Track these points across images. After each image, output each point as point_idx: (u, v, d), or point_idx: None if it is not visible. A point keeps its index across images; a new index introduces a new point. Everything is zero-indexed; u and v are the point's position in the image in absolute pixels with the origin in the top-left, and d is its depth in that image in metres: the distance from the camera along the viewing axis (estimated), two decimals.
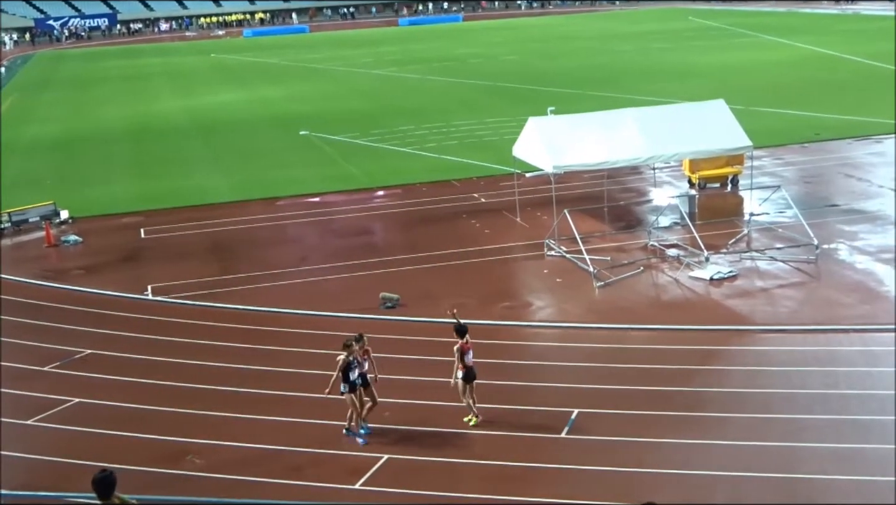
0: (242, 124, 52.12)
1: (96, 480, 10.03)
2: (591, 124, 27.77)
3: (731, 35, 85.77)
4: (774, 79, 56.82)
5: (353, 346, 16.43)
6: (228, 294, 24.68)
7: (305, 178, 37.67)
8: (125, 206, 34.75)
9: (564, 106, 38.80)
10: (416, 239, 28.93)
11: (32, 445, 16.91)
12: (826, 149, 37.58)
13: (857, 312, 21.04)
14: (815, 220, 26.80)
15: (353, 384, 16.35)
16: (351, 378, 16.31)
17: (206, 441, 16.73)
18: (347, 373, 16.25)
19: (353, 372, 16.35)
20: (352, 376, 16.31)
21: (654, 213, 29.24)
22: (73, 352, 21.19)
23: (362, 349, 16.77)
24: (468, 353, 16.58)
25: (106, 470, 10.16)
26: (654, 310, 22.03)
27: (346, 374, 16.26)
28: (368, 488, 14.88)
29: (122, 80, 78.72)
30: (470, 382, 16.64)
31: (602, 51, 79.34)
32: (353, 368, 16.33)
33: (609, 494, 14.24)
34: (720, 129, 27.38)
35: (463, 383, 16.63)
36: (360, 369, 16.55)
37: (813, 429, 16.03)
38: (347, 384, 16.32)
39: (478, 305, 22.87)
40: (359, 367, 16.51)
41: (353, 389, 16.39)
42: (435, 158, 39.74)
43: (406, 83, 65.78)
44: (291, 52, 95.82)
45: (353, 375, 16.32)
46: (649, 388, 17.81)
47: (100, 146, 47.98)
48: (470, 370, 16.59)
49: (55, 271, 27.72)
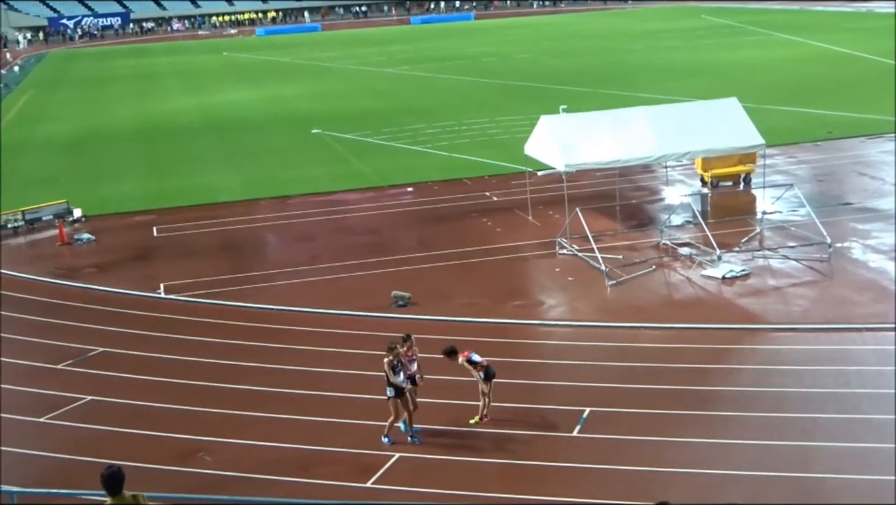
0: (254, 123, 52.19)
1: (105, 477, 10.01)
2: (603, 123, 27.71)
3: (744, 33, 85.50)
4: (787, 77, 56.63)
5: (396, 348, 15.96)
6: (240, 292, 24.72)
7: (317, 177, 37.71)
8: (138, 205, 34.85)
9: (576, 104, 38.73)
10: (428, 237, 28.93)
11: (45, 443, 16.97)
12: (839, 147, 37.44)
13: (869, 311, 20.95)
14: (827, 218, 26.70)
15: (398, 389, 15.85)
16: (396, 382, 15.81)
17: (218, 439, 16.76)
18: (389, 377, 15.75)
19: (399, 375, 15.83)
20: (396, 380, 15.79)
21: (666, 212, 29.17)
22: (85, 350, 21.27)
23: (410, 350, 16.31)
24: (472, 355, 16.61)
25: (113, 466, 10.14)
26: (667, 308, 21.98)
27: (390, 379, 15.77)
28: (380, 487, 14.89)
29: (134, 78, 78.91)
30: (488, 381, 16.58)
31: (614, 49, 79.17)
32: (397, 372, 15.83)
33: (621, 493, 14.22)
34: (733, 128, 27.30)
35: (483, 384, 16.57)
36: (406, 372, 16.04)
37: (825, 428, 15.98)
38: (393, 388, 15.83)
39: (490, 303, 22.86)
40: (404, 369, 16.00)
41: (398, 394, 15.87)
42: (447, 157, 39.73)
43: (418, 82, 65.77)
44: (303, 50, 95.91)
45: (398, 379, 15.80)
46: (661, 386, 17.77)
47: (112, 144, 48.13)
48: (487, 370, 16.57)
49: (68, 269, 27.82)
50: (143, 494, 10.21)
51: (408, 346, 16.29)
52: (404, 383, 15.93)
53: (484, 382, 16.54)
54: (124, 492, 10.04)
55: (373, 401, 17.75)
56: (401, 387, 15.86)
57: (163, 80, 76.35)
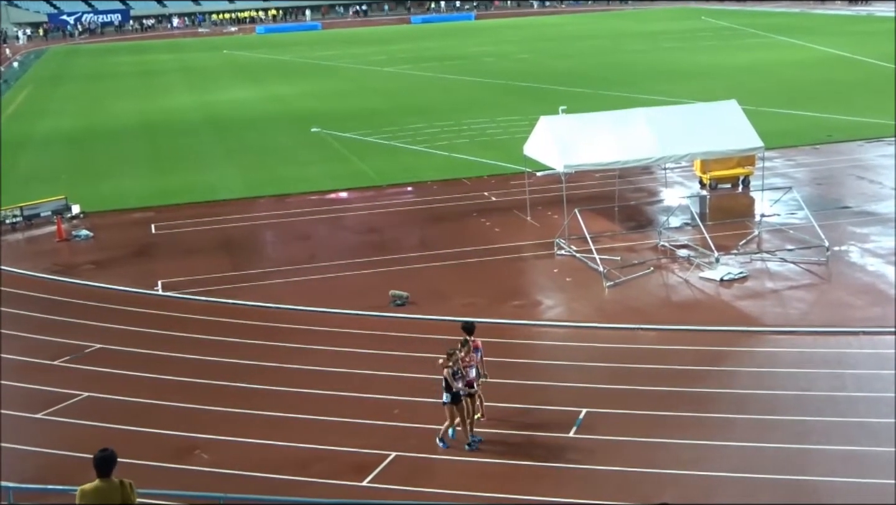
0: (254, 121, 52.18)
1: (97, 459, 10.07)
2: (603, 124, 27.75)
3: (744, 35, 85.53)
4: (786, 80, 56.66)
5: (456, 354, 15.61)
6: (238, 290, 24.72)
7: (316, 176, 37.71)
8: (136, 202, 34.84)
9: (576, 105, 38.75)
10: (426, 237, 28.94)
11: (42, 439, 16.99)
12: (838, 150, 37.47)
13: (867, 315, 20.98)
14: (826, 221, 26.72)
15: (455, 395, 15.50)
16: (454, 389, 15.47)
17: (214, 436, 16.77)
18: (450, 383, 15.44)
19: (458, 382, 15.50)
20: (455, 387, 15.45)
21: (664, 214, 29.19)
22: (82, 346, 21.27)
23: (467, 355, 15.90)
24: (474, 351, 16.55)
25: (107, 449, 10.20)
26: (664, 310, 22.00)
27: (449, 384, 15.46)
28: (375, 486, 14.90)
29: (134, 75, 78.88)
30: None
31: (614, 50, 79.19)
32: (457, 378, 15.49)
33: (617, 494, 14.23)
34: (732, 130, 27.34)
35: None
36: (465, 378, 15.68)
37: (821, 431, 15.99)
38: (450, 394, 15.49)
39: (487, 303, 22.87)
40: (463, 377, 15.64)
41: (455, 401, 15.51)
42: (446, 157, 39.74)
43: (418, 81, 65.77)
44: (304, 49, 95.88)
45: (457, 385, 15.47)
46: (658, 388, 17.79)
47: (112, 141, 48.10)
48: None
49: (66, 266, 27.81)
50: (131, 483, 10.24)
51: (465, 350, 15.91)
52: (462, 389, 15.61)
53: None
54: (112, 477, 10.09)
55: (370, 400, 17.82)
56: (456, 394, 15.50)
57: (163, 78, 76.32)
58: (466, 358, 15.85)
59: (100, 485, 10.06)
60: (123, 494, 10.08)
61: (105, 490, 10.03)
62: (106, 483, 10.06)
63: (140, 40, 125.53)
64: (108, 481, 10.07)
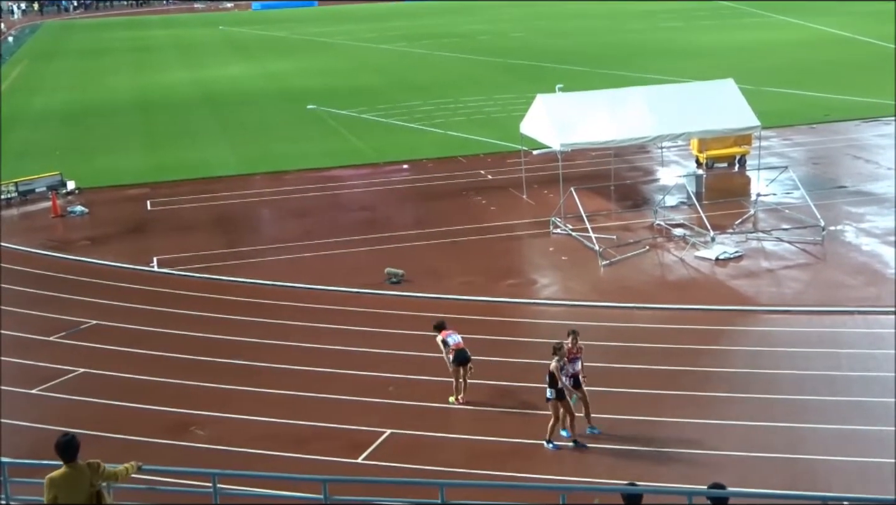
0: (250, 97, 51.96)
1: (60, 444, 10.03)
2: (600, 102, 27.68)
3: (742, 14, 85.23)
4: (784, 59, 56.46)
5: (563, 347, 15.11)
6: (234, 267, 24.69)
7: (312, 153, 37.59)
8: (132, 178, 34.73)
9: (573, 84, 38.62)
10: (422, 215, 28.89)
11: (37, 415, 16.99)
12: (834, 130, 37.42)
13: (862, 294, 21.02)
14: (822, 201, 26.71)
15: (560, 391, 14.95)
16: (564, 385, 14.96)
17: (210, 413, 16.80)
18: (555, 378, 14.86)
19: (563, 377, 14.99)
20: (561, 382, 14.89)
21: (660, 193, 29.14)
22: (78, 322, 21.26)
23: (574, 346, 15.44)
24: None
25: (69, 434, 10.17)
26: (659, 289, 22.02)
27: (554, 379, 14.88)
28: (371, 463, 14.93)
29: (130, 51, 78.42)
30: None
31: (612, 29, 78.84)
32: (562, 373, 15.00)
33: (613, 472, 14.25)
34: (729, 109, 27.29)
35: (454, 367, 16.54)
36: (570, 371, 15.23)
37: (816, 410, 16.05)
38: (554, 390, 14.93)
39: (483, 281, 22.87)
40: (568, 368, 15.18)
41: (560, 397, 14.97)
42: (442, 134, 39.64)
43: (414, 58, 65.50)
44: (300, 25, 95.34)
45: (563, 380, 14.92)
46: (654, 367, 17.82)
47: (107, 117, 47.87)
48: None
49: (61, 242, 27.76)
50: (103, 464, 10.20)
51: (572, 341, 15.43)
52: (568, 384, 15.12)
53: (454, 364, 16.45)
54: (78, 460, 10.06)
55: (365, 377, 17.83)
56: (561, 389, 14.96)
57: (158, 53, 75.91)
58: (573, 350, 15.35)
59: (67, 471, 9.99)
60: (92, 476, 10.04)
61: (73, 475, 9.97)
62: (73, 468, 9.99)
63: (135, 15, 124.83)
64: (74, 466, 9.99)
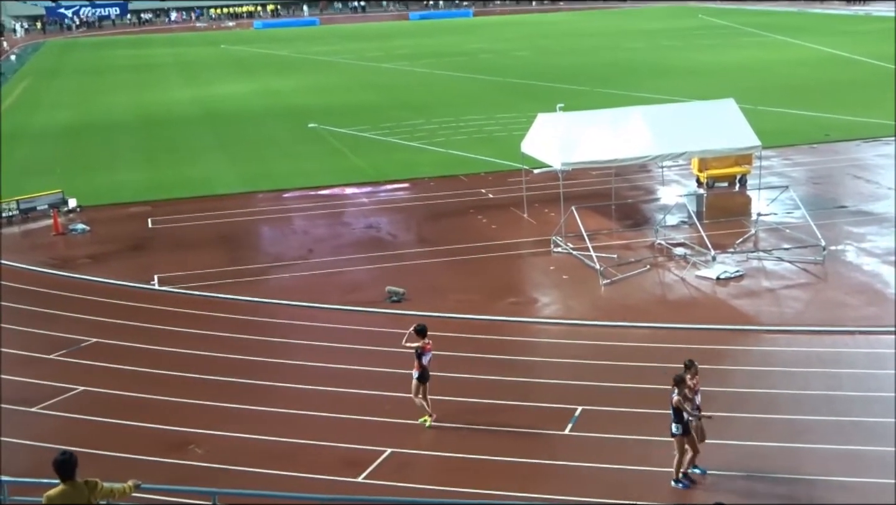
0: (251, 116, 52.11)
1: (57, 462, 10.06)
2: (601, 121, 27.73)
3: (741, 34, 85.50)
4: (784, 79, 56.65)
5: (685, 380, 14.27)
6: (235, 285, 24.70)
7: (313, 171, 37.66)
8: (133, 196, 34.78)
9: (574, 103, 38.72)
10: (423, 233, 28.93)
11: (37, 433, 16.94)
12: (835, 150, 37.47)
13: (862, 314, 21.00)
14: (822, 221, 26.72)
15: (686, 425, 14.15)
16: (685, 418, 14.13)
17: (209, 431, 16.76)
18: (680, 412, 14.12)
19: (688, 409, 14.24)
20: (686, 416, 14.15)
21: (661, 212, 29.18)
22: (78, 340, 21.24)
23: (694, 378, 14.54)
24: (427, 354, 16.41)
25: (66, 452, 10.20)
26: (660, 308, 22.00)
27: (679, 413, 14.15)
28: (370, 482, 14.89)
29: (132, 69, 78.72)
30: (424, 382, 16.46)
31: (612, 48, 79.13)
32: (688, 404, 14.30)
33: (612, 492, 14.24)
34: (729, 129, 27.33)
35: (418, 384, 16.45)
36: (692, 404, 14.41)
37: (816, 430, 16.02)
38: (681, 425, 14.13)
39: (484, 300, 22.86)
40: (690, 402, 14.36)
41: (686, 432, 14.17)
42: (443, 153, 39.71)
43: (416, 77, 65.71)
44: (301, 44, 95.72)
45: (688, 413, 14.18)
46: (654, 386, 17.70)
47: (109, 135, 48.00)
48: (425, 371, 16.42)
49: (62, 259, 27.77)
50: (100, 481, 10.22)
51: (692, 373, 14.57)
52: (692, 417, 14.27)
53: (419, 382, 16.40)
54: (76, 478, 10.08)
55: (366, 396, 17.80)
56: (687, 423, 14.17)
57: (160, 72, 76.18)
58: (693, 382, 14.51)
59: (65, 489, 10.02)
60: (90, 493, 10.06)
61: (70, 493, 9.99)
62: (71, 486, 10.03)
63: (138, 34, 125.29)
64: (72, 484, 10.03)
